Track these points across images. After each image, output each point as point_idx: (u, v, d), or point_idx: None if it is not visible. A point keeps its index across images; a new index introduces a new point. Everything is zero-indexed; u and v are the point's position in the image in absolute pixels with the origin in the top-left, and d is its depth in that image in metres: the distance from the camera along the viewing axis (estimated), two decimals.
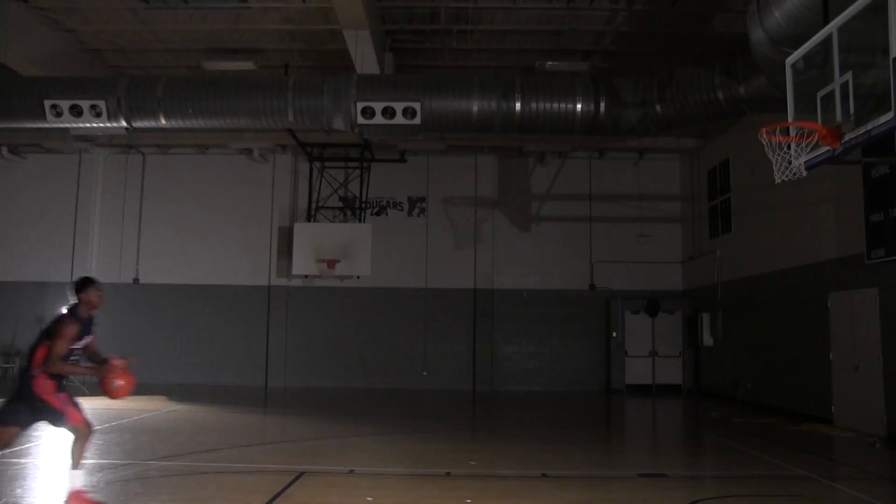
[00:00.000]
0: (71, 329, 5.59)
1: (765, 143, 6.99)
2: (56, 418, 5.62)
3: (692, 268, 18.42)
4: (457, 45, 13.89)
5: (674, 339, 18.20)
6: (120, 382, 5.71)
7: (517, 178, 19.11)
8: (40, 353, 5.59)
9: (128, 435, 10.01)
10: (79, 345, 5.71)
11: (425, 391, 17.68)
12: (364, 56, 12.43)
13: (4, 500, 6.18)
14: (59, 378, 5.63)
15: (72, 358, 5.69)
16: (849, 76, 6.17)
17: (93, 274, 18.36)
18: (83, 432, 5.68)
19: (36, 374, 5.56)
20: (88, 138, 17.87)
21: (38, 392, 5.52)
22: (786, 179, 6.99)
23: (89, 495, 5.78)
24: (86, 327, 5.81)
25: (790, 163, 6.88)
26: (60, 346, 5.51)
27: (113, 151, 18.87)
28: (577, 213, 18.90)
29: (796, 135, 6.82)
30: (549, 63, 14.21)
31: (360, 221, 18.12)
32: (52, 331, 5.65)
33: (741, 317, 15.44)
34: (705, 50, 13.57)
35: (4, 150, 18.21)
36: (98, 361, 5.91)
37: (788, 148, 6.91)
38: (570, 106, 11.84)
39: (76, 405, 5.68)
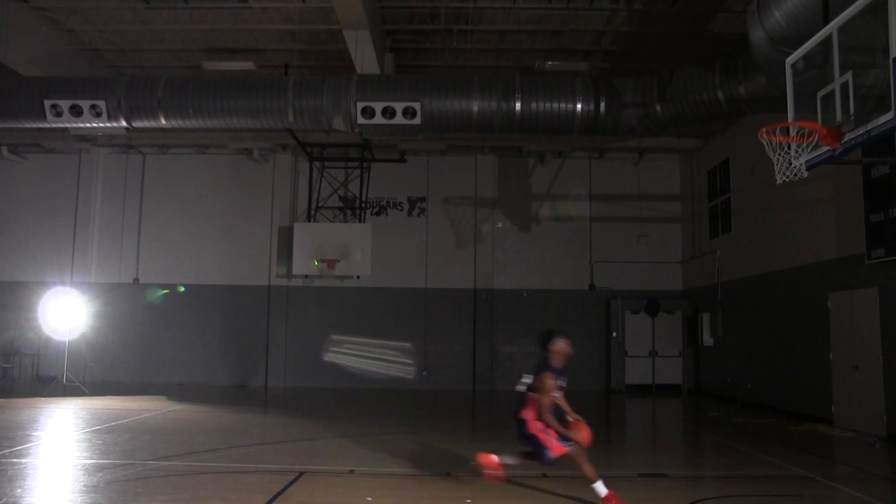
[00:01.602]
0: (551, 382, 6.28)
1: (765, 143, 6.99)
2: (540, 451, 6.35)
3: (692, 268, 18.42)
4: (457, 45, 13.89)
5: (674, 339, 18.20)
6: (583, 439, 6.31)
7: (517, 178, 19.10)
8: (533, 403, 6.35)
9: (128, 435, 10.01)
10: (555, 395, 6.36)
11: (425, 391, 17.68)
12: (364, 56, 12.43)
13: (4, 500, 6.18)
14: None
15: (555, 396, 6.40)
16: (849, 76, 6.18)
17: (93, 274, 18.42)
18: (578, 454, 6.22)
19: (527, 419, 6.39)
20: (88, 138, 17.87)
21: (532, 430, 6.36)
22: (787, 180, 6.99)
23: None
24: (560, 377, 6.41)
25: (791, 163, 6.88)
26: (546, 400, 6.25)
27: (113, 151, 18.87)
28: (577, 213, 18.90)
29: (796, 135, 6.82)
30: (549, 63, 14.22)
31: (360, 221, 18.11)
32: (535, 385, 6.37)
33: (741, 317, 15.43)
34: (705, 50, 13.57)
35: (4, 150, 18.22)
36: (562, 413, 6.52)
37: (789, 148, 6.91)
38: (570, 106, 11.85)
39: (562, 438, 6.29)
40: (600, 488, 6.16)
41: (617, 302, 18.26)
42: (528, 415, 6.37)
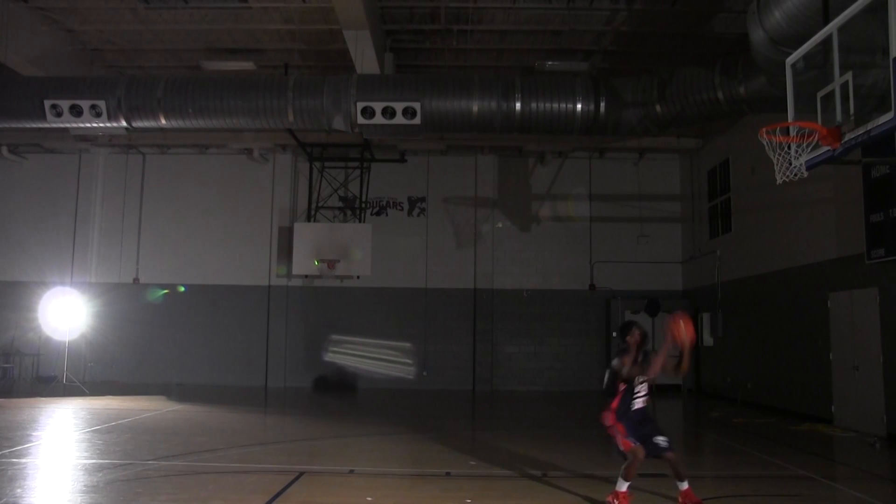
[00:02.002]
0: (628, 358, 6.43)
1: (765, 143, 6.99)
2: (616, 444, 6.39)
3: (692, 268, 18.41)
4: (457, 45, 13.89)
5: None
6: (682, 332, 6.33)
7: (517, 178, 19.09)
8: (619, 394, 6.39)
9: (128, 435, 10.01)
10: (643, 378, 6.45)
11: (425, 391, 17.67)
12: (364, 56, 12.43)
13: (4, 500, 6.18)
14: (623, 411, 6.36)
15: (640, 394, 6.46)
16: (849, 76, 6.17)
17: (93, 274, 18.41)
18: (636, 456, 6.21)
19: (611, 407, 6.40)
20: (88, 138, 17.87)
21: (605, 423, 6.43)
22: (787, 180, 6.98)
23: None
24: (643, 364, 6.49)
25: (791, 163, 6.88)
26: (632, 370, 6.37)
27: (113, 151, 18.86)
28: (577, 213, 18.89)
29: (796, 135, 6.81)
30: (549, 63, 14.22)
31: (360, 221, 18.11)
32: (617, 371, 6.46)
33: (741, 317, 15.43)
34: (705, 50, 13.57)
35: (4, 150, 18.22)
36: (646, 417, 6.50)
37: (789, 148, 6.91)
38: (570, 106, 11.84)
39: (629, 434, 6.28)
40: (622, 485, 6.20)
41: (617, 302, 18.25)
42: (612, 404, 6.41)
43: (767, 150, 7.03)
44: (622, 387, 6.35)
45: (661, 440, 6.30)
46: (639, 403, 6.38)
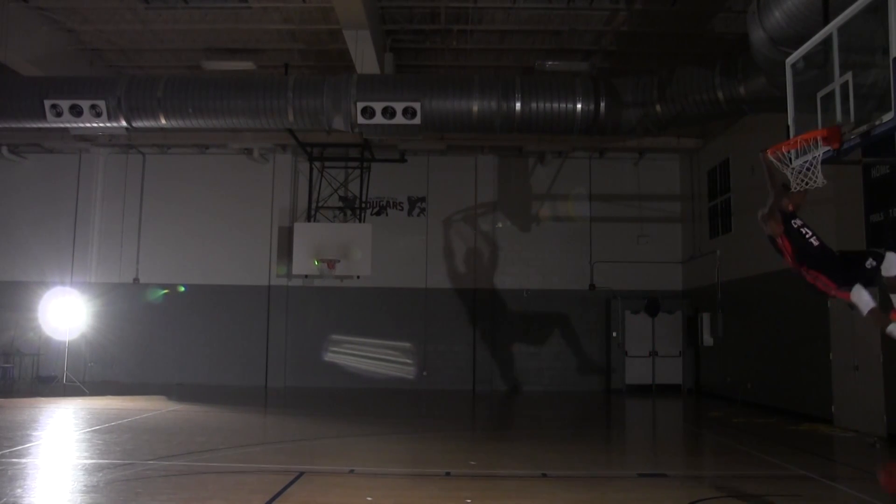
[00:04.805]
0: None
1: (773, 162, 6.90)
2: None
3: (692, 268, 18.41)
4: (457, 45, 13.89)
5: (674, 339, 18.19)
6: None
7: (517, 178, 19.10)
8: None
9: (128, 435, 10.01)
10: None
11: (425, 391, 17.68)
12: (364, 56, 12.44)
13: (4, 500, 6.18)
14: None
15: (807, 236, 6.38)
16: (849, 76, 6.17)
17: (93, 274, 18.40)
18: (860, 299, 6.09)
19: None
20: (88, 138, 17.87)
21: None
22: (807, 188, 6.91)
23: None
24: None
25: (798, 169, 6.79)
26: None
27: (113, 151, 18.86)
28: (577, 213, 18.90)
29: (798, 142, 6.73)
30: (549, 63, 14.21)
31: (360, 221, 18.11)
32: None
33: (741, 317, 15.43)
34: (705, 50, 13.56)
35: (4, 150, 18.21)
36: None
37: (797, 156, 6.85)
38: (570, 106, 11.86)
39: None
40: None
41: (617, 302, 18.25)
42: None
43: (776, 168, 6.94)
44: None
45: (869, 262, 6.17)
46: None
